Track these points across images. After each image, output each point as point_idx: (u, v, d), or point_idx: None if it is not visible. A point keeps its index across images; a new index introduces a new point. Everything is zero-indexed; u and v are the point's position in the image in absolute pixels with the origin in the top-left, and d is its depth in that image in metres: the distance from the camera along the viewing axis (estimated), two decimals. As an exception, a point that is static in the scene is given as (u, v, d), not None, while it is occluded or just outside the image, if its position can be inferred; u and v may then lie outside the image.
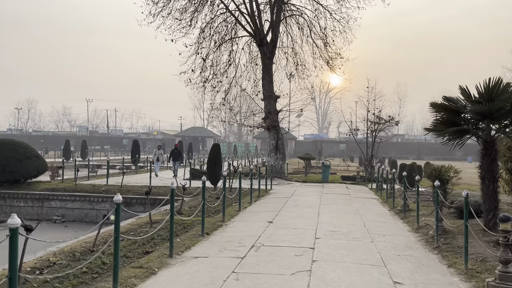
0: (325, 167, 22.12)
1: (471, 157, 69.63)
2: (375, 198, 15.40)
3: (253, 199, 13.87)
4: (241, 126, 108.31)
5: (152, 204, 16.42)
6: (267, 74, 23.90)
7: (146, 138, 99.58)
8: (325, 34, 24.26)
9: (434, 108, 8.51)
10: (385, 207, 13.04)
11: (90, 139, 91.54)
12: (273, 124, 23.02)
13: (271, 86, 23.88)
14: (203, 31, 24.82)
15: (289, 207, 12.27)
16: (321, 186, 19.72)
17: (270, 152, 23.46)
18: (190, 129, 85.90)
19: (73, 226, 15.96)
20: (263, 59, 24.17)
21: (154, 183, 19.42)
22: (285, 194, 15.99)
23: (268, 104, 23.51)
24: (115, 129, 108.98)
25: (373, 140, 23.62)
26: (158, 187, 18.17)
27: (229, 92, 25.89)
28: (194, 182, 20.79)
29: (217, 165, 16.38)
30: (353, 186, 20.07)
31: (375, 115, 23.71)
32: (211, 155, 16.40)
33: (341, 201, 14.02)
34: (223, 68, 25.23)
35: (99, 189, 17.50)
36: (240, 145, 78.15)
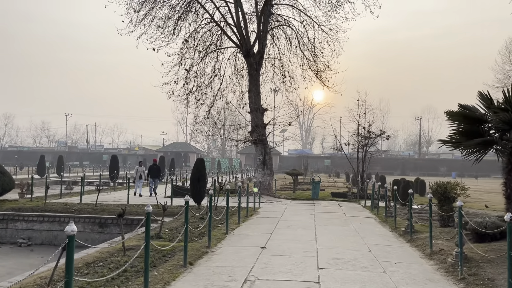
0: (315, 183, 21.00)
1: (455, 173, 69.85)
2: (372, 217, 14.31)
3: (241, 219, 12.60)
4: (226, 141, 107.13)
5: (129, 225, 14.98)
6: (254, 86, 22.87)
7: (127, 154, 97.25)
8: (314, 45, 23.47)
9: (450, 117, 7.50)
10: (385, 227, 11.93)
11: (68, 155, 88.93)
12: (260, 138, 21.89)
13: (258, 99, 22.83)
14: (187, 41, 23.75)
15: (282, 229, 11.04)
16: (312, 203, 18.56)
17: (257, 168, 22.26)
18: (173, 144, 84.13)
19: (40, 251, 14.35)
20: (250, 71, 23.17)
21: (132, 201, 17.97)
22: (275, 213, 14.76)
23: (255, 117, 22.41)
24: (95, 145, 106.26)
25: (364, 155, 22.71)
26: (136, 206, 16.73)
27: (213, 105, 24.75)
28: (176, 200, 19.41)
29: (201, 181, 15.09)
30: (345, 204, 18.97)
31: (365, 129, 22.85)
32: (195, 171, 15.12)
33: (337, 221, 12.87)
34: (208, 80, 24.13)
35: (71, 208, 15.95)
36: (224, 161, 76.73)
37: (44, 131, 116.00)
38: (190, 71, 24.31)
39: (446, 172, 71.74)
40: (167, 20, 22.23)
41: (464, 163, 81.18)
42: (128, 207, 16.47)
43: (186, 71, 24.22)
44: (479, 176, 67.49)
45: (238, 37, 23.05)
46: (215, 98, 24.72)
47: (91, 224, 15.04)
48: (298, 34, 23.89)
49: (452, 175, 68.17)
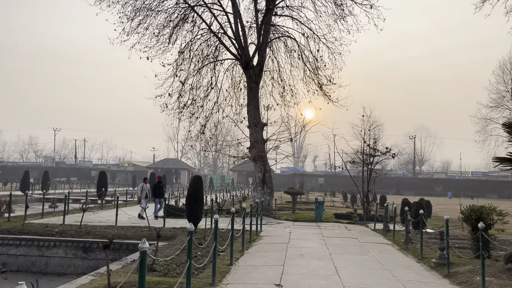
0: (319, 203, 19.61)
1: (451, 193, 68.96)
2: (388, 243, 12.92)
3: (245, 245, 11.12)
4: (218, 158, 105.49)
5: (117, 250, 13.37)
6: (253, 99, 21.63)
7: (116, 170, 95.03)
8: (316, 57, 22.37)
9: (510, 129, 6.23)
10: (409, 256, 10.54)
11: (56, 170, 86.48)
12: (260, 155, 20.53)
13: (258, 113, 21.56)
14: (182, 52, 22.55)
15: (294, 259, 9.58)
16: (317, 226, 17.14)
17: (256, 186, 20.83)
18: (163, 161, 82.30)
19: (15, 279, 12.64)
20: (249, 83, 21.95)
21: (121, 222, 16.37)
22: (280, 237, 13.30)
23: (254, 132, 21.09)
24: (84, 160, 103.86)
25: (368, 174, 21.43)
26: (125, 228, 15.14)
27: (209, 119, 23.42)
28: (169, 220, 17.84)
29: (198, 201, 13.61)
30: (352, 226, 17.58)
31: (370, 147, 21.62)
32: (191, 190, 13.65)
33: (352, 248, 11.45)
34: (204, 93, 22.83)
35: (53, 230, 14.30)
36: (216, 178, 75.02)
37: (31, 146, 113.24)
38: (185, 83, 23.05)
39: (442, 192, 70.79)
40: (163, 28, 21.04)
41: (459, 183, 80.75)
42: (117, 229, 14.90)
43: (181, 84, 22.95)
44: (475, 196, 66.64)
45: (237, 48, 21.91)
46: (211, 112, 23.42)
47: (74, 249, 13.42)
48: (300, 46, 22.83)
49: (448, 195, 67.24)
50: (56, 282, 12.69)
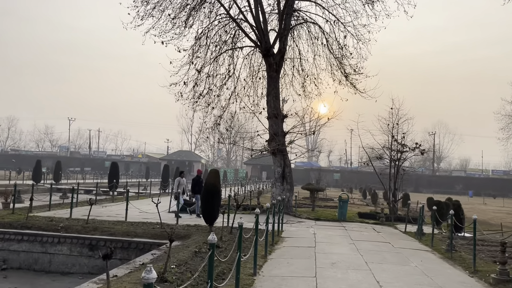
0: (343, 202, 18.24)
1: (472, 191, 66.70)
2: (426, 249, 11.52)
3: (267, 248, 9.85)
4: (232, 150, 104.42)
5: (125, 249, 12.25)
6: (273, 89, 20.28)
7: (130, 161, 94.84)
8: (341, 45, 20.87)
9: None
10: (456, 268, 9.15)
11: (70, 160, 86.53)
12: (280, 148, 19.21)
13: (278, 104, 20.21)
14: (199, 38, 21.29)
15: (326, 268, 8.29)
16: (342, 226, 15.81)
17: (275, 182, 19.54)
18: (177, 153, 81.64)
19: (16, 277, 11.65)
20: (269, 72, 20.59)
21: (131, 217, 15.27)
22: (304, 240, 12.02)
23: (274, 124, 19.76)
24: (98, 151, 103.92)
25: (396, 171, 19.94)
26: (135, 224, 14.03)
27: (226, 109, 22.17)
28: (183, 216, 16.72)
29: (216, 198, 12.39)
30: (380, 228, 16.20)
31: (398, 142, 20.10)
32: (208, 185, 12.42)
33: (389, 255, 10.10)
34: (221, 82, 21.57)
35: (58, 225, 13.25)
36: (230, 171, 74.00)
37: (47, 135, 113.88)
38: (201, 72, 21.81)
39: (462, 191, 68.60)
40: (179, 11, 19.78)
41: (480, 181, 78.26)
42: (126, 225, 13.79)
43: (197, 72, 21.74)
44: (498, 196, 64.33)
45: (257, 34, 20.53)
46: (228, 103, 22.17)
47: (80, 246, 12.35)
48: (324, 33, 21.34)
49: (469, 193, 65.04)
50: (59, 282, 11.64)
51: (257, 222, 7.66)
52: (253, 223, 14.71)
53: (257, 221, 7.66)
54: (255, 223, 7.60)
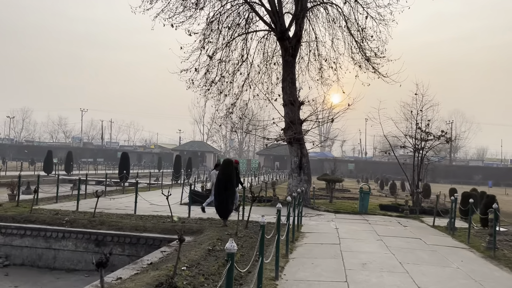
0: (364, 194, 17.18)
1: (491, 181, 64.79)
2: (463, 246, 10.45)
3: (288, 246, 8.89)
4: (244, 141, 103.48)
5: (134, 244, 11.42)
6: (289, 74, 19.19)
7: (142, 152, 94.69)
8: (361, 27, 19.59)
9: None
10: (504, 269, 8.09)
11: (83, 151, 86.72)
12: (297, 137, 18.17)
13: (294, 90, 19.13)
14: (211, 22, 20.25)
15: (357, 270, 7.30)
16: (365, 220, 14.78)
17: (292, 172, 18.54)
18: (189, 143, 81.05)
19: (18, 275, 10.91)
20: (285, 56, 19.48)
21: (141, 209, 14.47)
22: (327, 235, 11.04)
23: (290, 111, 18.71)
24: (110, 142, 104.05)
25: (420, 160, 18.77)
26: (145, 217, 13.20)
27: (239, 97, 21.17)
28: (195, 209, 15.87)
29: (229, 190, 11.45)
30: (405, 221, 15.13)
31: (421, 130, 18.89)
32: (222, 176, 11.48)
33: (423, 254, 9.06)
34: (234, 67, 20.54)
35: (63, 218, 12.48)
36: (242, 162, 73.16)
37: (61, 126, 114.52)
38: (213, 58, 20.81)
39: (481, 181, 66.67)
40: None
41: (499, 171, 76.16)
42: (135, 219, 12.97)
43: (208, 58, 20.74)
44: (518, 186, 62.42)
45: (272, 16, 19.40)
46: (241, 90, 21.16)
47: (86, 242, 11.55)
48: (343, 14, 20.07)
49: (489, 184, 63.10)
50: (64, 280, 10.86)
51: (279, 219, 6.67)
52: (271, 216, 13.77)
53: (279, 218, 6.67)
54: (277, 220, 6.62)
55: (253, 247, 9.04)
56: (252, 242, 9.66)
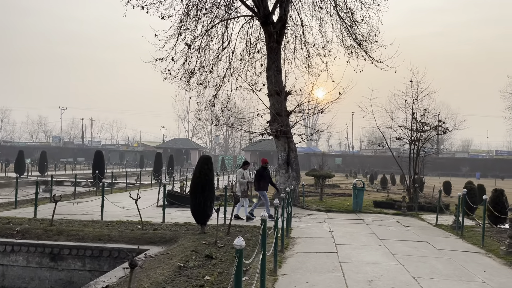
0: (358, 190, 15.75)
1: (479, 173, 64.42)
2: (477, 250, 9.06)
3: (277, 257, 7.35)
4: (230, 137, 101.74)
5: (96, 258, 9.77)
6: (274, 62, 17.62)
7: (125, 150, 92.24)
8: (351, 10, 18.11)
9: None
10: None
11: (63, 151, 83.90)
12: (284, 130, 16.65)
13: (280, 79, 17.59)
14: (188, 5, 18.56)
15: (363, 292, 5.79)
16: (360, 220, 13.36)
17: (279, 169, 17.02)
18: (173, 141, 79.03)
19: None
20: (269, 43, 17.90)
21: (111, 214, 12.79)
22: (321, 241, 9.55)
23: (276, 102, 17.16)
24: (92, 140, 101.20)
25: (417, 152, 17.46)
26: (113, 224, 11.52)
27: (221, 87, 19.55)
28: (172, 211, 14.30)
29: (207, 191, 9.85)
30: (404, 220, 13.77)
31: (417, 120, 17.57)
32: (199, 174, 9.88)
33: (437, 263, 7.63)
34: (214, 54, 18.91)
35: (15, 228, 10.73)
36: (228, 158, 71.57)
37: (41, 126, 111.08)
38: (192, 47, 19.14)
39: (469, 173, 66.33)
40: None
41: (486, 162, 76.00)
42: (100, 226, 11.29)
43: (187, 47, 19.05)
44: (506, 177, 62.13)
45: (254, 0, 17.82)
46: (222, 80, 19.53)
47: (39, 256, 9.84)
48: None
49: (476, 175, 62.67)
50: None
51: (265, 232, 5.10)
52: (257, 217, 12.23)
53: (265, 231, 5.11)
54: (262, 234, 5.06)
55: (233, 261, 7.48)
56: (233, 254, 8.09)
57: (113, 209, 13.68)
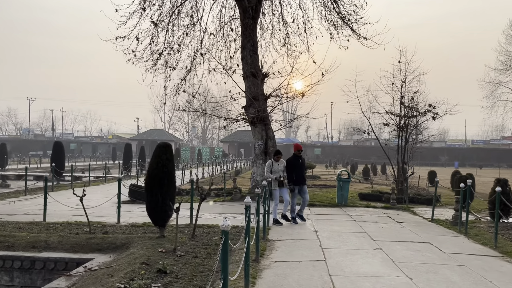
0: (343, 182, 14.21)
1: (457, 162, 64.45)
2: (492, 253, 7.59)
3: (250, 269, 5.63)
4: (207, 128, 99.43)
5: (28, 271, 7.85)
6: (250, 41, 15.86)
7: (98, 143, 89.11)
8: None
9: None
10: None
11: (33, 144, 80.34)
12: (261, 116, 14.94)
13: (256, 59, 15.85)
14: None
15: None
16: (347, 215, 11.82)
17: (256, 159, 15.33)
18: (148, 132, 76.44)
19: None
20: (243, 20, 16.12)
21: (58, 215, 10.86)
22: (304, 244, 7.92)
23: (252, 85, 15.44)
24: (63, 133, 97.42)
25: (405, 140, 16.07)
26: (55, 227, 9.61)
27: (192, 70, 17.66)
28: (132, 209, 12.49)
29: (166, 186, 8.05)
30: (395, 214, 12.31)
31: (404, 105, 16.16)
32: (155, 166, 8.07)
33: (450, 273, 6.10)
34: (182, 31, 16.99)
35: None
36: (205, 150, 69.55)
37: (10, 118, 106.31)
38: (159, 25, 17.20)
39: (448, 162, 66.31)
40: None
41: (463, 152, 76.29)
42: (39, 229, 9.37)
43: (153, 25, 17.10)
44: (483, 166, 62.28)
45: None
46: (193, 61, 17.66)
47: (-45, 269, 7.88)
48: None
49: (455, 164, 62.64)
50: None
51: (226, 254, 3.38)
52: (229, 215, 10.53)
53: (226, 252, 3.38)
54: (222, 254, 3.33)
55: (194, 277, 5.75)
56: (196, 265, 6.36)
57: (64, 207, 11.77)
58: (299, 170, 10.36)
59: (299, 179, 10.29)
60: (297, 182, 10.25)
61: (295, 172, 10.24)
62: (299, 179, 10.31)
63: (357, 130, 18.67)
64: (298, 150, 10.67)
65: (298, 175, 10.29)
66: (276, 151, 10.85)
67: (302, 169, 10.58)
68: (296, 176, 10.23)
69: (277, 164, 10.30)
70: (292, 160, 10.44)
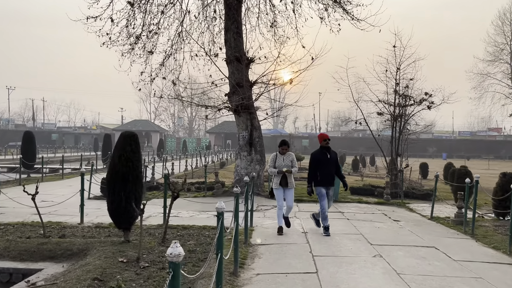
0: (334, 176, 13.11)
1: (445, 154, 64.28)
2: (508, 260, 6.60)
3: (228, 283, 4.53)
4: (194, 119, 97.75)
5: None
6: (233, 23, 14.60)
7: (81, 133, 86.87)
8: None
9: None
10: None
11: (14, 134, 77.86)
12: (245, 104, 13.76)
13: (240, 43, 14.60)
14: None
15: None
16: (339, 213, 10.82)
17: (240, 151, 14.16)
18: (132, 122, 74.51)
19: None
20: (227, 0, 14.84)
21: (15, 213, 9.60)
22: (291, 251, 6.84)
23: (236, 70, 14.21)
24: (45, 123, 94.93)
25: (400, 131, 15.10)
26: (5, 229, 8.35)
27: (172, 54, 16.36)
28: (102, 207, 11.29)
29: (131, 183, 6.86)
30: (390, 211, 11.33)
31: (399, 94, 15.17)
32: (118, 160, 6.87)
33: None
34: (159, 11, 15.65)
35: None
36: (191, 141, 68.14)
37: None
38: (135, 5, 15.82)
39: (436, 154, 66.14)
40: None
41: (451, 143, 76.25)
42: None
43: (129, 5, 15.71)
44: (470, 157, 62.17)
45: None
46: (173, 45, 16.35)
47: None
48: None
49: (443, 156, 62.46)
50: None
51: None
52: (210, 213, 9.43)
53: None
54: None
55: None
56: (160, 280, 5.21)
57: (24, 205, 10.46)
58: (327, 167, 8.00)
59: (326, 177, 7.95)
60: (323, 182, 7.95)
61: (321, 170, 7.96)
62: (327, 177, 7.96)
63: (347, 119, 17.65)
64: (325, 140, 8.27)
65: (325, 173, 7.96)
66: (282, 141, 8.49)
67: (332, 165, 8.15)
68: (322, 175, 7.93)
69: (281, 158, 8.20)
70: (317, 155, 8.14)
